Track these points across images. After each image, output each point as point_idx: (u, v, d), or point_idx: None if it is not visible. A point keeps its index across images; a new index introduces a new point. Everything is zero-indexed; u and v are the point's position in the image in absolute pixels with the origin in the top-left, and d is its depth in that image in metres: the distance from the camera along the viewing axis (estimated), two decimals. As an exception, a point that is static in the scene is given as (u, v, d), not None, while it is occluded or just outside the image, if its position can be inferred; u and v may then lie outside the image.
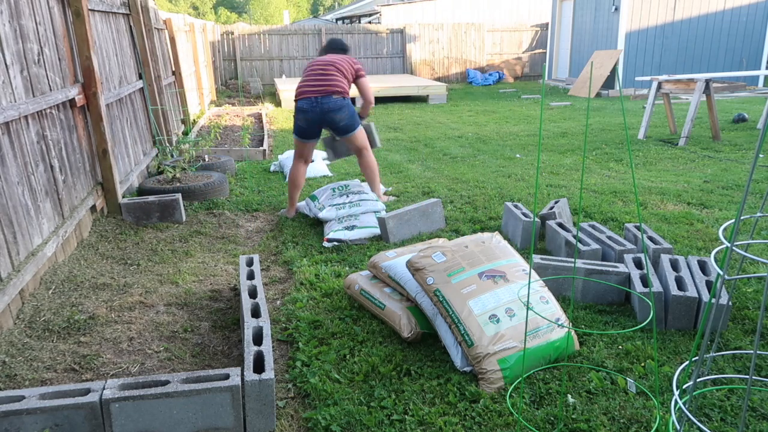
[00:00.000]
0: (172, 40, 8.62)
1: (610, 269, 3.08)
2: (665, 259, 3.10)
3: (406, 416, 2.22)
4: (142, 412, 2.03)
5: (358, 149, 4.85)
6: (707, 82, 7.40)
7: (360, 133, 4.80)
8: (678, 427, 1.67)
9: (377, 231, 4.16)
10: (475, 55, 19.04)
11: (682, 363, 2.51)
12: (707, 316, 1.82)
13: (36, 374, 2.49)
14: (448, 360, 2.56)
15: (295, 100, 4.62)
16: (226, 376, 2.11)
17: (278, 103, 13.47)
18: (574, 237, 3.53)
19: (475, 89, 16.62)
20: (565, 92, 14.68)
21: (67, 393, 2.04)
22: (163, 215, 4.56)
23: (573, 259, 3.09)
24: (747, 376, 2.35)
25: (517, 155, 7.13)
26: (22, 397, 2.01)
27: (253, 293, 2.82)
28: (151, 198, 4.55)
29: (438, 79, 18.60)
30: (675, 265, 3.08)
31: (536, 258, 3.28)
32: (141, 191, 5.16)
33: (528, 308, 1.98)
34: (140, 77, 6.51)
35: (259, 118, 10.59)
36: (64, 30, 4.18)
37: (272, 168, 6.59)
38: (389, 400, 2.30)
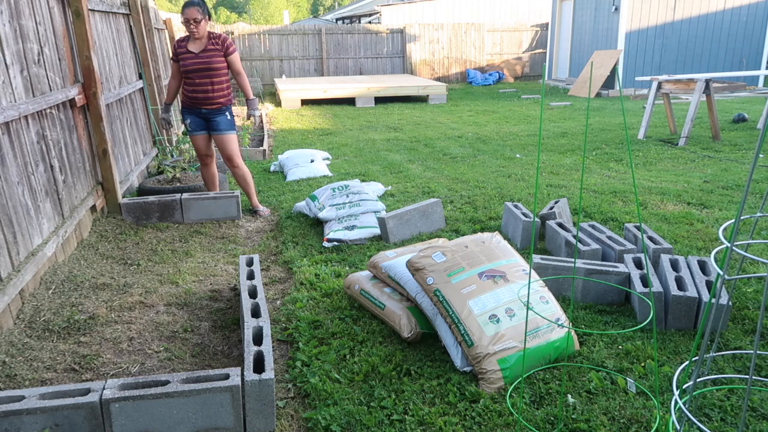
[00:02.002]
0: (172, 40, 8.62)
1: (610, 269, 3.08)
2: (665, 259, 3.10)
3: (406, 416, 2.22)
4: (142, 412, 2.03)
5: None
6: (707, 82, 7.39)
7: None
8: (678, 427, 1.67)
9: (377, 231, 4.16)
10: (475, 55, 19.04)
11: (682, 363, 2.51)
12: (707, 316, 1.82)
13: (36, 374, 2.49)
14: (448, 360, 2.56)
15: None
16: (226, 376, 2.11)
17: (278, 103, 13.47)
18: (574, 237, 3.53)
19: (475, 89, 16.62)
20: (565, 92, 14.68)
21: (67, 393, 2.04)
22: (163, 215, 4.56)
23: (573, 259, 3.10)
24: (747, 376, 2.35)
25: (517, 155, 7.13)
26: (22, 397, 2.01)
27: (253, 293, 2.82)
28: (151, 198, 4.55)
29: (438, 79, 18.60)
30: (675, 265, 3.08)
31: (536, 258, 3.28)
32: (141, 191, 5.17)
33: (528, 308, 1.98)
34: (140, 77, 6.51)
35: (259, 117, 10.59)
36: (64, 30, 4.18)
37: (272, 168, 6.59)
38: (389, 400, 2.30)
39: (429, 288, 2.60)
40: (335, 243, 4.02)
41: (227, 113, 4.70)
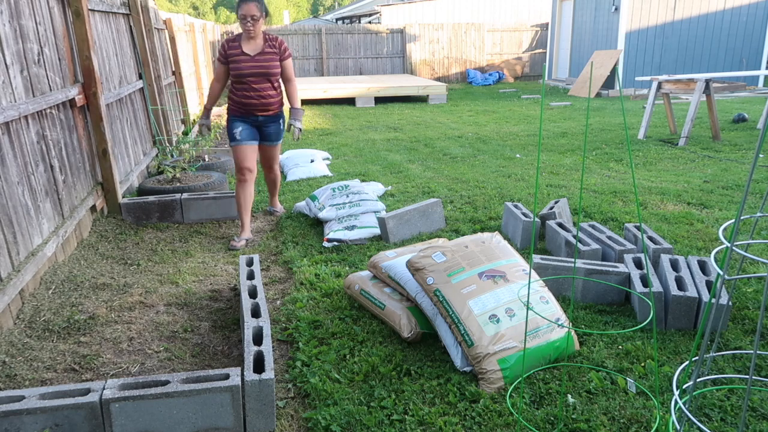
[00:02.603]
0: (172, 40, 8.62)
1: (610, 269, 3.08)
2: (665, 259, 3.10)
3: (406, 416, 2.22)
4: (142, 412, 2.03)
5: None
6: (707, 82, 7.40)
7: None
8: (678, 427, 1.67)
9: (377, 231, 4.16)
10: (475, 55, 19.04)
11: (682, 363, 2.51)
12: (707, 316, 1.82)
13: (36, 374, 2.49)
14: (448, 360, 2.56)
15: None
16: (226, 376, 2.11)
17: (278, 103, 13.45)
18: (574, 237, 3.53)
19: (475, 89, 16.62)
20: (565, 92, 14.69)
21: (67, 393, 2.04)
22: (163, 215, 4.55)
23: (573, 259, 3.09)
24: (747, 376, 2.35)
25: (517, 155, 7.13)
26: (22, 397, 2.01)
27: (253, 293, 2.82)
28: (151, 198, 4.55)
29: (438, 79, 18.60)
30: (675, 265, 3.08)
31: (536, 258, 3.28)
32: (141, 191, 5.17)
33: (528, 308, 1.98)
34: (140, 77, 6.51)
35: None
36: (64, 30, 4.18)
37: (272, 168, 6.59)
38: (389, 400, 2.30)
39: (429, 288, 2.60)
40: (335, 243, 4.02)
41: (280, 121, 4.42)
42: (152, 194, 4.94)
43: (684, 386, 2.07)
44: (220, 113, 10.91)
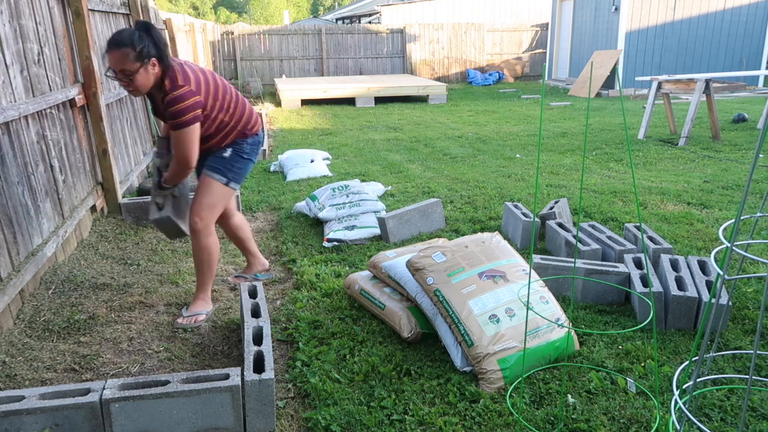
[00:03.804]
0: (172, 40, 8.62)
1: (610, 269, 3.08)
2: (665, 259, 3.10)
3: (406, 416, 2.22)
4: (142, 412, 2.03)
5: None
6: (707, 82, 7.39)
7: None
8: (678, 427, 1.67)
9: (377, 231, 4.16)
10: (475, 55, 19.04)
11: (682, 363, 2.51)
12: (707, 316, 1.82)
13: (36, 374, 2.50)
14: (448, 360, 2.56)
15: (253, 132, 3.06)
16: (226, 376, 2.11)
17: (278, 103, 13.46)
18: (574, 237, 3.53)
19: (475, 89, 16.62)
20: (565, 92, 14.68)
21: (67, 393, 2.04)
22: (163, 215, 4.55)
23: (573, 259, 3.09)
24: (747, 376, 2.35)
25: (517, 155, 7.13)
26: (22, 397, 2.01)
27: (253, 293, 2.82)
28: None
29: (438, 79, 18.60)
30: (675, 265, 3.08)
31: (536, 258, 3.28)
32: (141, 191, 5.17)
33: (528, 308, 1.98)
34: (140, 77, 6.51)
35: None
36: (64, 30, 4.18)
37: (272, 168, 6.59)
38: (389, 400, 2.30)
39: (429, 288, 2.60)
40: (335, 243, 4.02)
41: (227, 150, 2.98)
42: (152, 194, 4.93)
43: (684, 386, 2.07)
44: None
